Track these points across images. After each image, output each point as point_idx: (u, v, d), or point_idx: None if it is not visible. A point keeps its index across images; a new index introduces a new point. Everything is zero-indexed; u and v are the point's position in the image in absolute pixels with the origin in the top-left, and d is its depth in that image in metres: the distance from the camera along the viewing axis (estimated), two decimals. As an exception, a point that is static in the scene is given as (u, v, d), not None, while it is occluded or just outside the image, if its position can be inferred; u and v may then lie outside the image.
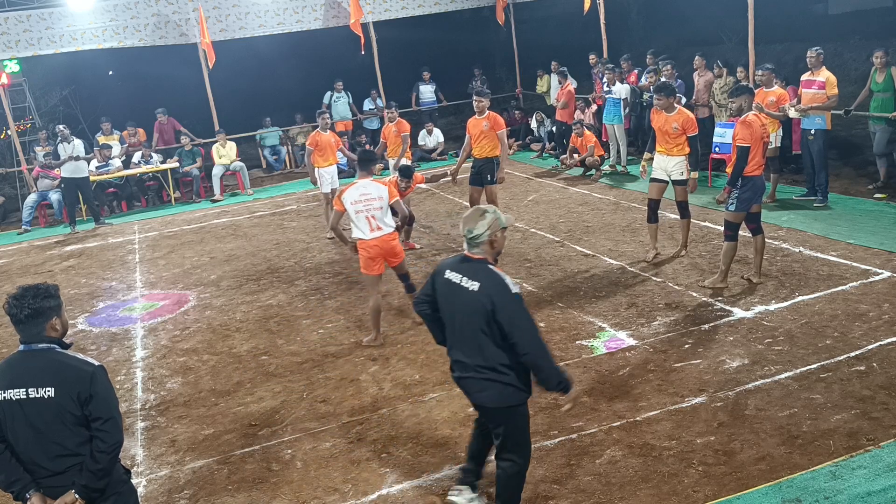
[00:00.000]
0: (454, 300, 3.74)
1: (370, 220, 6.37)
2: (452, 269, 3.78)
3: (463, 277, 3.70)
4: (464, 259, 3.78)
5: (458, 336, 3.78)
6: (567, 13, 18.85)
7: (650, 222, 7.90)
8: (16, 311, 3.17)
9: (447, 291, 3.78)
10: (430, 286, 3.89)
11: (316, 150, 9.99)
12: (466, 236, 3.72)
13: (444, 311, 3.84)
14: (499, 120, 8.86)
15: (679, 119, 7.50)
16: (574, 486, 4.28)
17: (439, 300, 3.84)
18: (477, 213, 3.74)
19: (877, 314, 5.97)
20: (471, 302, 3.64)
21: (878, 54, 9.01)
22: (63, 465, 3.17)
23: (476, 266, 3.71)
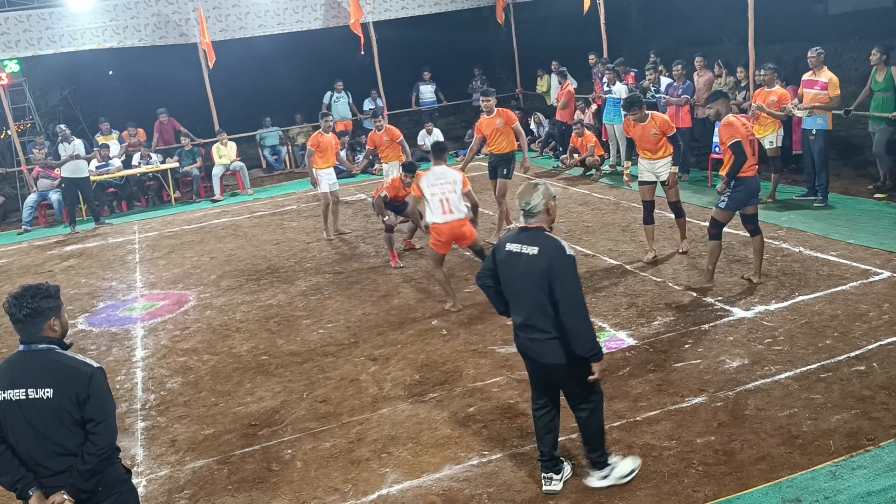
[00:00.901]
0: (516, 268, 4.05)
1: (443, 203, 6.81)
2: (512, 241, 4.11)
3: (523, 245, 4.04)
4: (522, 230, 4.13)
5: (523, 302, 4.07)
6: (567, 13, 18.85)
7: (646, 224, 7.95)
8: (15, 311, 3.17)
9: (509, 262, 4.09)
10: (492, 260, 4.21)
11: (317, 151, 9.98)
12: (524, 208, 4.07)
13: (507, 280, 4.14)
14: (510, 114, 9.11)
15: (656, 124, 7.64)
16: (574, 485, 4.28)
17: (501, 272, 4.15)
18: (530, 187, 4.11)
19: (877, 314, 5.97)
20: (531, 266, 3.97)
21: (874, 51, 9.02)
22: (63, 464, 3.17)
23: (534, 233, 4.06)
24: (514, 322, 4.19)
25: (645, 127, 7.66)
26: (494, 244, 4.29)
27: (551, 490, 4.23)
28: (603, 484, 4.21)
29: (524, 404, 5.23)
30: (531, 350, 4.12)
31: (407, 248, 9.35)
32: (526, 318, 4.06)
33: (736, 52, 14.78)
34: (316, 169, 10.14)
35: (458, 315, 7.02)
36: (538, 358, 4.11)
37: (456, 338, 6.53)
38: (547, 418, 4.27)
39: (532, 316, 4.03)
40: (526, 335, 4.11)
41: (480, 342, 6.37)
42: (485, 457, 4.67)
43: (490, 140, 9.13)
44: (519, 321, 4.13)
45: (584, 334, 3.92)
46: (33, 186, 13.72)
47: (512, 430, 4.94)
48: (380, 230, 9.99)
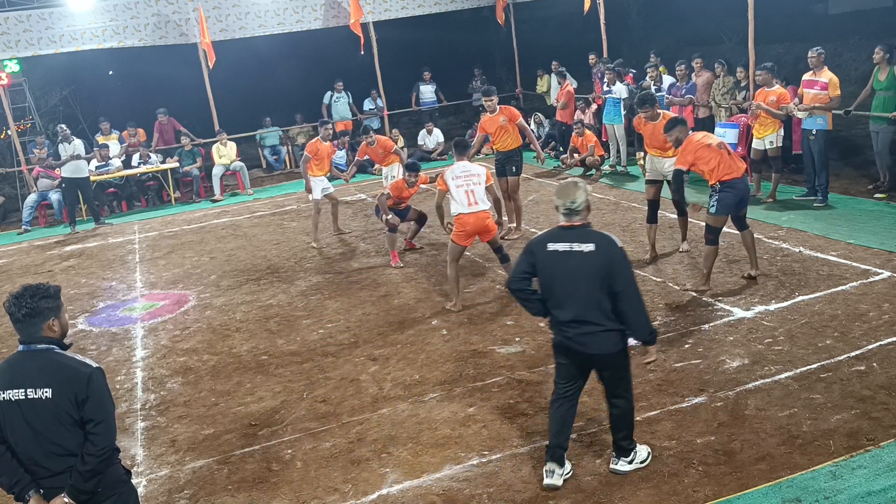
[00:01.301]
0: (566, 266, 4.10)
1: (469, 195, 6.95)
2: (555, 241, 4.15)
3: (572, 244, 4.10)
4: (564, 229, 4.17)
5: (574, 298, 4.11)
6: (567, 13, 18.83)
7: (650, 222, 7.95)
8: (14, 310, 3.17)
9: (555, 261, 4.13)
10: (528, 263, 4.23)
11: (314, 158, 9.90)
12: (569, 207, 4.12)
13: (553, 279, 4.17)
14: (513, 111, 9.12)
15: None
16: (574, 486, 4.28)
17: (545, 272, 4.18)
18: (572, 185, 4.19)
19: (877, 314, 5.97)
20: (588, 262, 4.05)
21: (877, 50, 9.00)
22: (63, 465, 3.17)
23: (582, 231, 4.15)
24: (558, 319, 4.20)
25: (656, 126, 7.65)
26: (527, 247, 4.29)
27: (552, 484, 4.24)
28: (629, 468, 4.32)
29: (524, 404, 5.24)
30: (580, 344, 4.16)
31: (407, 248, 9.35)
32: (577, 314, 4.11)
33: (736, 52, 14.77)
34: (311, 176, 10.06)
35: (458, 315, 7.02)
36: (586, 350, 4.17)
37: (456, 338, 6.53)
38: (569, 412, 4.36)
39: (584, 311, 4.09)
40: (576, 331, 4.14)
41: (480, 342, 6.37)
42: (485, 457, 4.67)
43: (495, 138, 9.15)
44: (567, 318, 4.15)
45: (644, 321, 4.17)
46: (33, 186, 13.71)
47: (512, 430, 4.94)
48: (380, 230, 10.00)
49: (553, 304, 4.22)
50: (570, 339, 4.19)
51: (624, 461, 4.35)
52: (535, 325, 6.58)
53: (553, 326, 4.30)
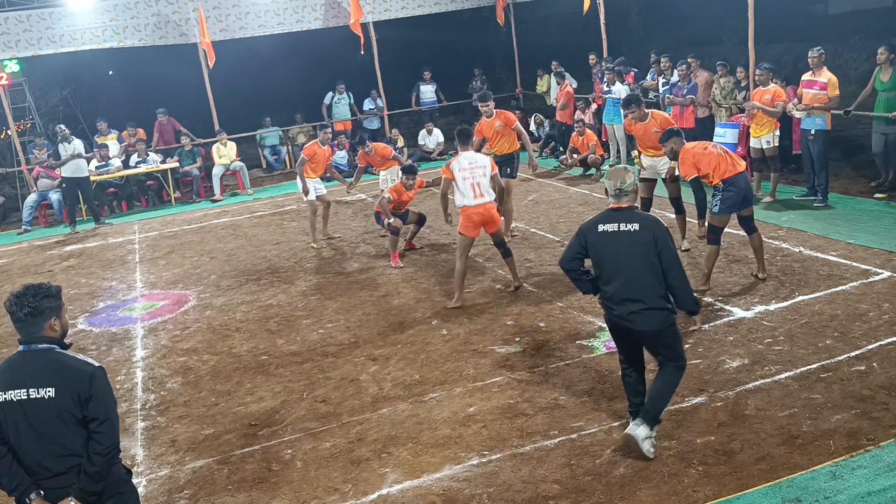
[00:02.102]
0: (617, 245, 4.36)
1: (475, 187, 6.97)
2: (605, 222, 4.43)
3: (620, 224, 4.37)
4: (613, 211, 4.46)
5: (624, 276, 4.36)
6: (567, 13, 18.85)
7: None
8: (15, 309, 3.17)
9: (606, 241, 4.39)
10: (579, 245, 4.50)
11: (310, 161, 9.86)
12: (620, 188, 4.42)
13: (604, 259, 4.42)
14: (509, 116, 9.11)
15: (657, 123, 7.71)
16: (574, 486, 4.28)
17: (596, 252, 4.44)
18: (622, 170, 4.49)
19: (877, 314, 5.97)
20: (636, 241, 4.31)
21: (881, 50, 8.96)
22: (66, 465, 3.17)
23: (628, 212, 4.43)
24: (608, 296, 4.43)
25: (646, 126, 7.70)
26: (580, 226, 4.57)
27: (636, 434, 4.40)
28: (645, 443, 4.39)
29: (524, 404, 5.24)
30: (628, 320, 4.38)
31: (407, 248, 9.35)
32: (625, 291, 4.34)
33: (736, 52, 14.78)
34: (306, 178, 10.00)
35: (458, 315, 7.02)
36: (634, 327, 4.39)
37: (456, 338, 6.53)
38: (638, 381, 4.63)
39: (633, 288, 4.32)
40: (624, 308, 4.37)
41: (480, 342, 6.37)
42: (485, 457, 4.67)
43: (491, 142, 9.15)
44: (616, 295, 4.38)
45: (689, 293, 4.40)
46: (33, 186, 13.72)
47: (512, 430, 4.94)
48: (380, 230, 9.99)
49: (604, 282, 4.46)
50: (619, 317, 4.42)
51: (646, 430, 4.43)
52: (536, 325, 6.58)
53: (603, 304, 4.54)
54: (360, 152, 10.26)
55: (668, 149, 7.00)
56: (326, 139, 9.98)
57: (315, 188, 9.94)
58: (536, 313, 6.83)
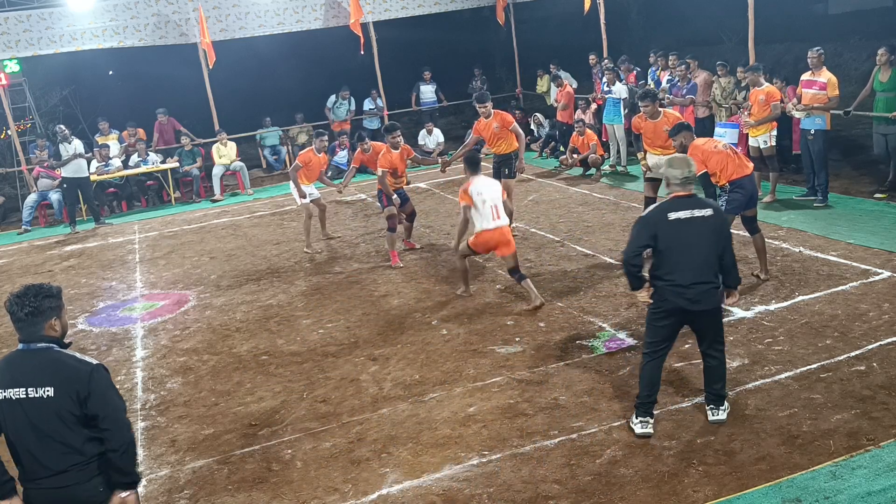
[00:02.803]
0: (689, 232, 4.49)
1: (493, 210, 6.95)
2: (675, 210, 4.52)
3: (693, 210, 4.51)
4: (680, 198, 4.56)
5: (695, 260, 4.51)
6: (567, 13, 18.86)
7: None
8: (16, 309, 3.17)
9: (678, 229, 4.50)
10: (648, 236, 4.56)
11: (305, 167, 9.83)
12: (687, 175, 4.54)
13: (674, 245, 4.51)
14: (506, 117, 9.09)
15: (668, 121, 7.67)
16: (574, 486, 4.28)
17: (666, 241, 4.51)
18: (684, 159, 4.63)
19: (877, 314, 5.97)
20: (709, 226, 4.51)
21: (881, 51, 8.94)
22: (66, 463, 3.17)
23: (696, 199, 4.60)
24: (677, 283, 4.51)
25: (657, 124, 7.68)
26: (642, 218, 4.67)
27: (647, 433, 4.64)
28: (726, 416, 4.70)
29: (524, 404, 5.24)
30: (695, 302, 4.52)
31: (407, 248, 9.34)
32: (698, 275, 4.50)
33: (736, 52, 14.77)
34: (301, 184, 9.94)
35: (458, 315, 7.02)
36: (698, 307, 4.54)
37: (456, 338, 6.53)
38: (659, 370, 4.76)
39: (703, 272, 4.51)
40: (695, 290, 4.50)
41: (480, 342, 6.37)
42: (485, 457, 4.67)
43: (489, 142, 9.16)
44: (688, 280, 4.50)
45: (736, 270, 4.75)
46: (33, 186, 13.72)
47: (512, 430, 4.94)
48: (380, 230, 9.99)
49: (670, 269, 4.53)
50: (689, 300, 4.51)
51: (722, 410, 4.71)
52: (536, 325, 6.58)
53: (664, 292, 4.57)
54: (357, 151, 10.19)
55: (677, 142, 6.96)
56: (323, 147, 9.92)
57: (309, 192, 9.91)
58: (536, 313, 6.84)
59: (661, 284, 4.58)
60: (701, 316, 4.63)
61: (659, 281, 4.59)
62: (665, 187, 4.71)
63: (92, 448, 3.20)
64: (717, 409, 4.74)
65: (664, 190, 4.69)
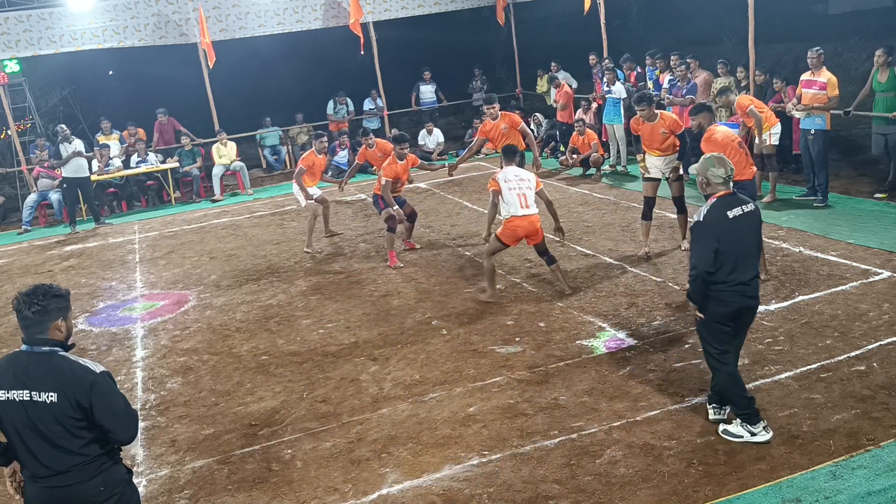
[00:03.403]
0: (743, 228, 4.44)
1: (521, 198, 6.95)
2: (729, 208, 4.44)
3: (742, 207, 4.46)
4: (727, 196, 4.49)
5: (750, 256, 4.49)
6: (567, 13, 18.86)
7: (644, 219, 7.99)
8: (23, 307, 3.17)
9: (736, 227, 4.42)
10: (714, 239, 4.38)
11: (309, 170, 9.83)
12: (729, 174, 4.49)
13: (734, 243, 4.39)
14: (514, 118, 9.18)
15: (665, 123, 7.70)
16: (574, 486, 4.28)
17: (728, 240, 4.38)
18: (721, 158, 4.55)
19: (877, 314, 5.97)
20: (756, 220, 4.53)
21: (879, 52, 8.96)
22: (66, 464, 3.17)
23: (738, 195, 4.56)
24: (740, 281, 4.40)
25: (654, 126, 7.69)
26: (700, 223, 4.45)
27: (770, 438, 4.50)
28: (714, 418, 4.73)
29: (524, 404, 5.24)
30: (754, 298, 4.49)
31: (407, 248, 9.34)
32: (753, 270, 4.48)
33: (736, 52, 14.78)
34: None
35: (458, 315, 7.02)
36: (753, 304, 4.53)
37: (456, 338, 6.53)
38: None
39: (755, 265, 4.51)
40: (754, 285, 4.47)
41: (480, 342, 6.37)
42: (485, 457, 4.67)
43: (497, 144, 9.16)
44: (748, 277, 4.44)
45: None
46: (33, 186, 13.72)
47: (512, 430, 4.94)
48: (380, 230, 9.99)
49: (732, 268, 4.40)
50: (749, 297, 4.46)
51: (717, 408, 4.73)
52: (535, 325, 6.58)
53: (725, 295, 4.43)
54: (361, 148, 10.15)
55: (695, 122, 6.94)
56: (323, 148, 9.92)
57: (312, 192, 9.93)
58: (536, 313, 6.84)
59: (724, 287, 4.41)
60: (751, 312, 4.60)
61: (721, 285, 4.41)
62: (704, 188, 4.58)
63: (93, 449, 3.20)
64: (720, 409, 4.75)
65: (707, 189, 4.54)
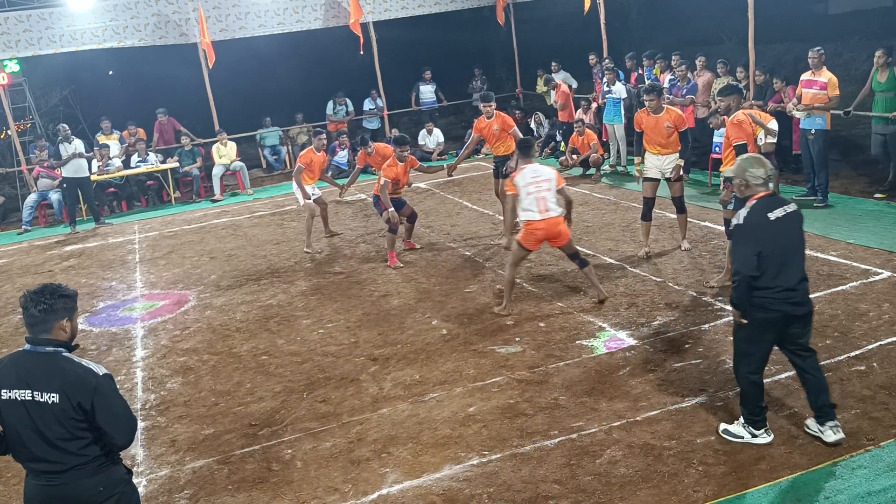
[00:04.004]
0: (786, 230, 4.26)
1: (539, 202, 6.63)
2: (770, 209, 4.25)
3: (785, 207, 4.29)
4: (769, 197, 4.31)
5: (794, 259, 4.29)
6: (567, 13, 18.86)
7: (644, 220, 7.99)
8: (30, 305, 3.18)
9: (779, 229, 4.24)
10: (757, 241, 4.19)
11: (308, 168, 9.84)
12: (770, 174, 4.33)
13: (775, 247, 4.21)
14: (507, 119, 9.19)
15: (670, 117, 7.65)
16: (574, 486, 4.28)
17: (770, 243, 4.20)
18: (760, 159, 4.39)
19: (877, 314, 5.97)
20: (798, 221, 4.32)
21: (879, 53, 8.97)
22: (66, 464, 3.18)
23: (779, 196, 4.41)
24: (784, 287, 4.21)
25: (659, 119, 7.65)
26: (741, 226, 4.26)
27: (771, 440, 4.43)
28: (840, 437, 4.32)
29: (524, 404, 5.24)
30: (800, 305, 4.28)
31: (407, 248, 9.34)
32: (799, 274, 4.28)
33: (736, 52, 14.78)
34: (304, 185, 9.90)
35: (458, 315, 7.02)
36: (802, 309, 4.30)
37: (456, 338, 6.53)
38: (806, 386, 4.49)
39: (801, 270, 4.30)
40: (799, 292, 4.26)
41: (480, 342, 6.37)
42: (485, 457, 4.67)
43: (491, 143, 9.24)
44: (793, 282, 4.24)
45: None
46: (33, 186, 13.71)
47: (512, 430, 4.94)
48: (380, 230, 9.99)
49: (776, 272, 4.21)
50: (794, 304, 4.25)
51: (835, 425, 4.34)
52: (536, 325, 6.58)
53: (768, 302, 4.24)
54: (360, 153, 10.19)
55: (724, 104, 6.78)
56: (321, 145, 9.92)
57: (311, 192, 9.93)
58: (536, 313, 6.84)
59: (767, 293, 4.22)
60: (800, 319, 4.34)
61: (764, 290, 4.22)
62: (742, 190, 4.39)
63: (93, 450, 3.21)
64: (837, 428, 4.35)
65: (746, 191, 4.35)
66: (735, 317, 4.41)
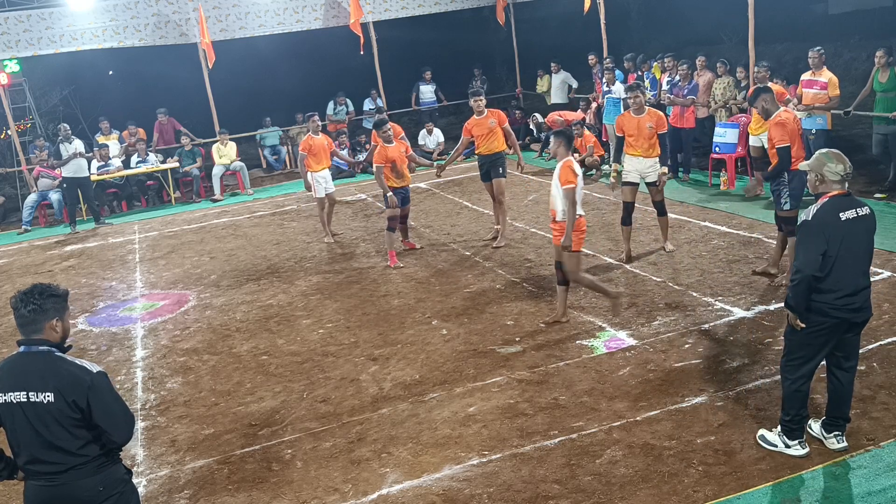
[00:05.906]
0: (857, 232, 4.08)
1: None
2: (842, 210, 4.06)
3: (857, 209, 4.10)
4: (843, 196, 4.11)
5: (860, 264, 4.12)
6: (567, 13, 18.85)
7: (624, 224, 7.99)
8: (20, 305, 3.18)
9: (849, 231, 4.05)
10: (823, 241, 4.01)
11: (309, 154, 9.83)
12: (849, 171, 4.11)
13: (845, 249, 4.03)
14: (502, 115, 9.17)
15: (652, 118, 7.67)
16: (574, 486, 4.28)
17: (837, 244, 4.02)
18: (839, 154, 4.17)
19: (877, 314, 5.97)
20: (871, 225, 4.14)
21: (880, 53, 8.97)
22: (65, 464, 3.18)
23: (854, 197, 4.18)
24: (844, 292, 4.05)
25: (641, 120, 7.65)
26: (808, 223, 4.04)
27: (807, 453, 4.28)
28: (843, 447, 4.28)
29: (524, 404, 5.24)
30: (860, 311, 4.13)
31: (407, 248, 9.33)
32: (863, 280, 4.12)
33: (736, 52, 14.77)
34: (311, 173, 9.92)
35: (458, 315, 7.02)
36: (861, 317, 4.15)
37: (456, 338, 6.53)
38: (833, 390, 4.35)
39: (866, 276, 4.15)
40: (860, 297, 4.11)
41: (480, 342, 6.37)
42: (485, 457, 4.67)
43: (481, 141, 9.02)
44: (855, 286, 4.07)
45: None
46: (33, 186, 13.72)
47: (512, 430, 4.94)
48: (380, 230, 9.99)
49: (839, 276, 4.04)
50: (854, 310, 4.09)
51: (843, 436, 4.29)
52: (535, 325, 6.58)
53: (826, 307, 4.07)
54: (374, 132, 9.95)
55: (759, 107, 6.55)
56: (316, 127, 9.90)
57: (325, 186, 9.95)
58: (536, 313, 6.84)
59: (828, 298, 4.06)
60: (856, 327, 4.18)
61: (824, 295, 4.06)
62: (817, 186, 4.18)
63: (92, 450, 3.21)
64: (842, 437, 4.31)
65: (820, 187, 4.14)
66: (790, 320, 4.21)
